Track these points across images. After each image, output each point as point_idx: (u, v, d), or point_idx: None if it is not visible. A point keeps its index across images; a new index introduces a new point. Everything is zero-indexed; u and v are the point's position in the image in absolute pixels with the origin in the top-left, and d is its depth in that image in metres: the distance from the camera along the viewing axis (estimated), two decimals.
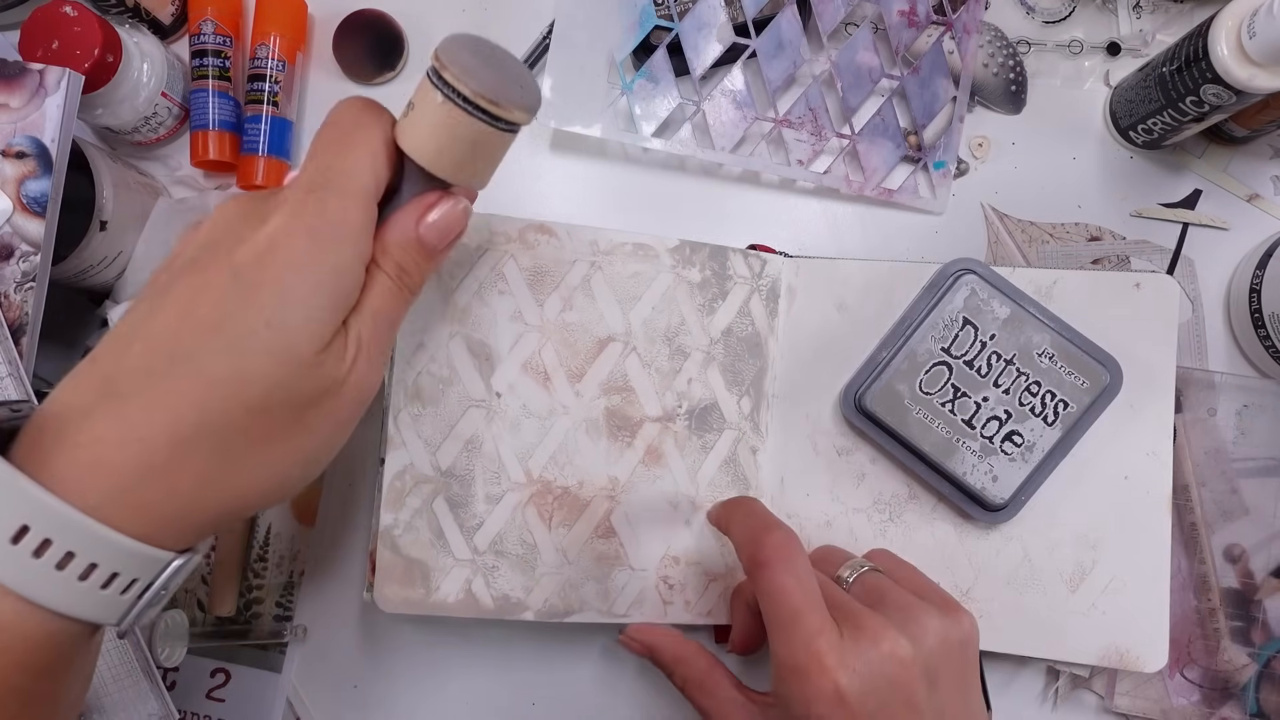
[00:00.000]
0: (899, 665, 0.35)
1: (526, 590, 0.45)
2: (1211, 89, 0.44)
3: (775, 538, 0.37)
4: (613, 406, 0.46)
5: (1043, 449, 0.44)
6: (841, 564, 0.41)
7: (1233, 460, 0.49)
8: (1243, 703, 0.48)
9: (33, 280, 0.42)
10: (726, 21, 0.50)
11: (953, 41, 0.51)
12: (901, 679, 0.35)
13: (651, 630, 0.43)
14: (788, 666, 0.35)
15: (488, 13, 0.54)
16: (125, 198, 0.47)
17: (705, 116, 0.50)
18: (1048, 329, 0.44)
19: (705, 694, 0.41)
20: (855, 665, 0.34)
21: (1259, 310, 0.48)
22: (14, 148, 0.42)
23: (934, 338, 0.45)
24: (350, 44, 0.52)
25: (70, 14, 0.45)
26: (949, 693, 0.37)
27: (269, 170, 0.51)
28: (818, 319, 0.48)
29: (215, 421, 0.27)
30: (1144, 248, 0.52)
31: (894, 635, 0.35)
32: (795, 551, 0.36)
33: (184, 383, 0.27)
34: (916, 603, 0.38)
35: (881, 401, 0.45)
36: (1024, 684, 0.49)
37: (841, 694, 0.34)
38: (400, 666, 0.50)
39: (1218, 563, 0.49)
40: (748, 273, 0.47)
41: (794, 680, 0.35)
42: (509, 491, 0.45)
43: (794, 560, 0.36)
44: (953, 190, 0.52)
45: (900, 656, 0.35)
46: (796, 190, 0.53)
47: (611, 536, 0.46)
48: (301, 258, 0.28)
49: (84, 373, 0.28)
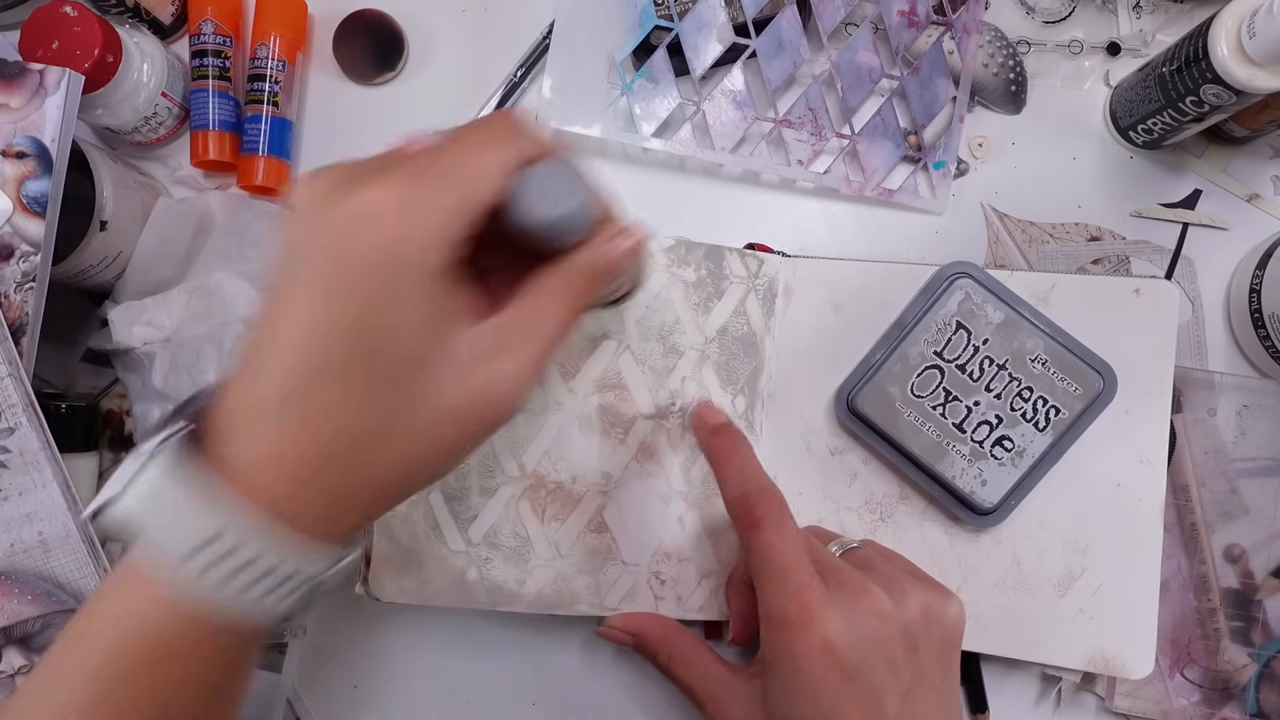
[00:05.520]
0: (880, 621, 0.36)
1: (519, 582, 0.45)
2: (1211, 89, 0.44)
3: (767, 500, 0.38)
4: (606, 403, 0.46)
5: (1033, 454, 0.44)
6: (832, 540, 0.42)
7: (1233, 460, 0.49)
8: (1243, 703, 0.48)
9: (33, 280, 0.42)
10: (726, 21, 0.50)
11: (953, 41, 0.51)
12: (882, 635, 0.36)
13: (633, 616, 0.44)
14: (777, 619, 0.36)
15: (488, 13, 0.54)
16: (125, 198, 0.47)
17: (705, 116, 0.50)
18: (1041, 334, 0.44)
19: (689, 669, 0.41)
20: (841, 617, 0.35)
21: (1259, 310, 0.48)
22: (14, 148, 0.42)
23: (927, 341, 0.45)
24: (350, 44, 0.52)
25: (70, 14, 0.45)
26: (928, 662, 0.37)
27: (269, 170, 0.51)
28: (814, 319, 0.48)
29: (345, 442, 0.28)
30: (1144, 248, 0.51)
31: (877, 592, 0.36)
32: (785, 514, 0.38)
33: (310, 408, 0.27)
34: (903, 575, 0.39)
35: (873, 403, 0.45)
36: (1018, 685, 0.49)
37: (830, 643, 0.34)
38: (400, 666, 0.50)
39: (1218, 563, 0.49)
40: (744, 272, 0.47)
41: (783, 632, 0.36)
42: (503, 485, 0.45)
43: (784, 522, 0.38)
44: (953, 190, 0.52)
45: (882, 612, 0.36)
46: (796, 190, 0.53)
47: (603, 531, 0.46)
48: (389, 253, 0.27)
49: (236, 379, 0.28)
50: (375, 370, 0.27)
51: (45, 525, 0.42)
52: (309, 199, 0.27)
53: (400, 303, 0.27)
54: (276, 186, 0.51)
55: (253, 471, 0.27)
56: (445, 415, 0.28)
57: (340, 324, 0.27)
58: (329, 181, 0.28)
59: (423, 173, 0.27)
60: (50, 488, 0.42)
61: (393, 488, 0.30)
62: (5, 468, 0.41)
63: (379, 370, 0.27)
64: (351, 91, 0.54)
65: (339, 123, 0.54)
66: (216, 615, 0.28)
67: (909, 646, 0.37)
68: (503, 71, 0.52)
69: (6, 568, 0.41)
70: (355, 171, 0.28)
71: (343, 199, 0.27)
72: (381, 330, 0.27)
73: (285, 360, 0.27)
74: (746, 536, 0.38)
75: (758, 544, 0.37)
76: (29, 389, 0.41)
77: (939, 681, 0.38)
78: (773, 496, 0.38)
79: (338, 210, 0.27)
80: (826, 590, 0.36)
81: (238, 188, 0.51)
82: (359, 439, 0.28)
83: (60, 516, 0.42)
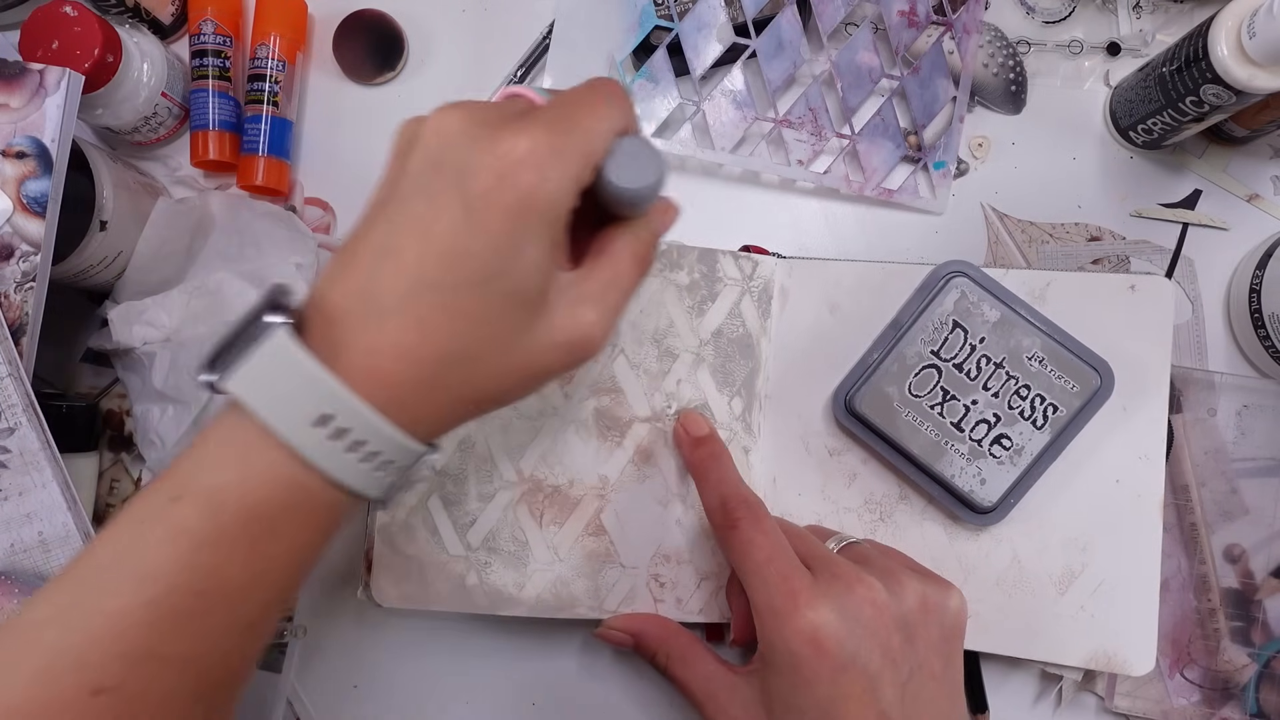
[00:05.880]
0: (874, 610, 0.36)
1: (518, 586, 0.45)
2: (1211, 89, 0.43)
3: (744, 503, 0.40)
4: (602, 407, 0.46)
5: (1031, 452, 0.44)
6: (830, 537, 0.42)
7: (1233, 460, 0.49)
8: (1243, 703, 0.48)
9: (33, 280, 0.42)
10: (726, 21, 0.50)
11: (953, 41, 0.51)
12: (876, 625, 0.36)
13: (633, 617, 0.45)
14: (766, 612, 0.36)
15: (488, 13, 0.54)
16: (125, 198, 0.47)
17: (705, 116, 0.50)
18: (1038, 332, 0.44)
19: (688, 669, 0.41)
20: (830, 605, 0.35)
21: (1259, 310, 0.48)
22: (14, 148, 0.42)
23: (924, 340, 0.45)
24: (350, 44, 0.52)
25: (70, 14, 0.45)
26: (927, 652, 0.37)
27: (269, 170, 0.51)
28: (810, 320, 0.48)
29: (464, 348, 0.30)
30: (1144, 248, 0.51)
31: (872, 582, 0.37)
32: (762, 514, 0.39)
33: (438, 313, 0.29)
34: (901, 568, 0.39)
35: (871, 403, 0.45)
36: (1019, 685, 0.49)
37: (818, 631, 0.35)
38: (400, 666, 0.50)
39: (1218, 563, 0.49)
40: (738, 275, 0.47)
41: (773, 622, 0.36)
42: (501, 490, 0.46)
43: (761, 520, 0.39)
44: (953, 190, 0.52)
45: (876, 602, 0.36)
46: (796, 190, 0.53)
47: (601, 534, 0.46)
48: (527, 197, 0.29)
49: (341, 278, 0.30)
50: (500, 294, 0.29)
51: (45, 525, 0.42)
52: (457, 129, 0.29)
53: (535, 240, 0.29)
54: (277, 186, 0.51)
55: (368, 361, 0.29)
56: (547, 344, 0.31)
57: (474, 250, 0.29)
58: (474, 117, 0.30)
59: (557, 126, 0.30)
60: (50, 488, 0.42)
61: (482, 400, 0.32)
62: (5, 468, 0.41)
63: (504, 295, 0.29)
64: (351, 91, 0.54)
65: (339, 123, 0.54)
66: (324, 489, 0.29)
67: (906, 637, 0.37)
68: (503, 71, 0.53)
69: (6, 568, 0.41)
70: (496, 115, 0.30)
71: (492, 140, 0.29)
72: (514, 262, 0.29)
73: (413, 266, 0.29)
74: (725, 537, 0.39)
75: (736, 541, 0.38)
76: (29, 389, 0.42)
77: (939, 671, 0.37)
78: (750, 500, 0.40)
79: (489, 151, 0.29)
80: (816, 581, 0.36)
81: (238, 188, 0.51)
82: (471, 350, 0.30)
83: (60, 516, 0.42)
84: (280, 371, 0.28)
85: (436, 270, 0.29)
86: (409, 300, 0.29)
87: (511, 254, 0.29)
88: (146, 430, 0.48)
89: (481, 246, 0.29)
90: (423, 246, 0.29)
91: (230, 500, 0.28)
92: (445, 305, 0.29)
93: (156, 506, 0.29)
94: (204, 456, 0.29)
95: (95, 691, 0.27)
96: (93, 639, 0.27)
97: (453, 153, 0.29)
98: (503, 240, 0.29)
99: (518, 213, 0.29)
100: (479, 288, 0.29)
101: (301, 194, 0.53)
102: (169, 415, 0.47)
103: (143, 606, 0.27)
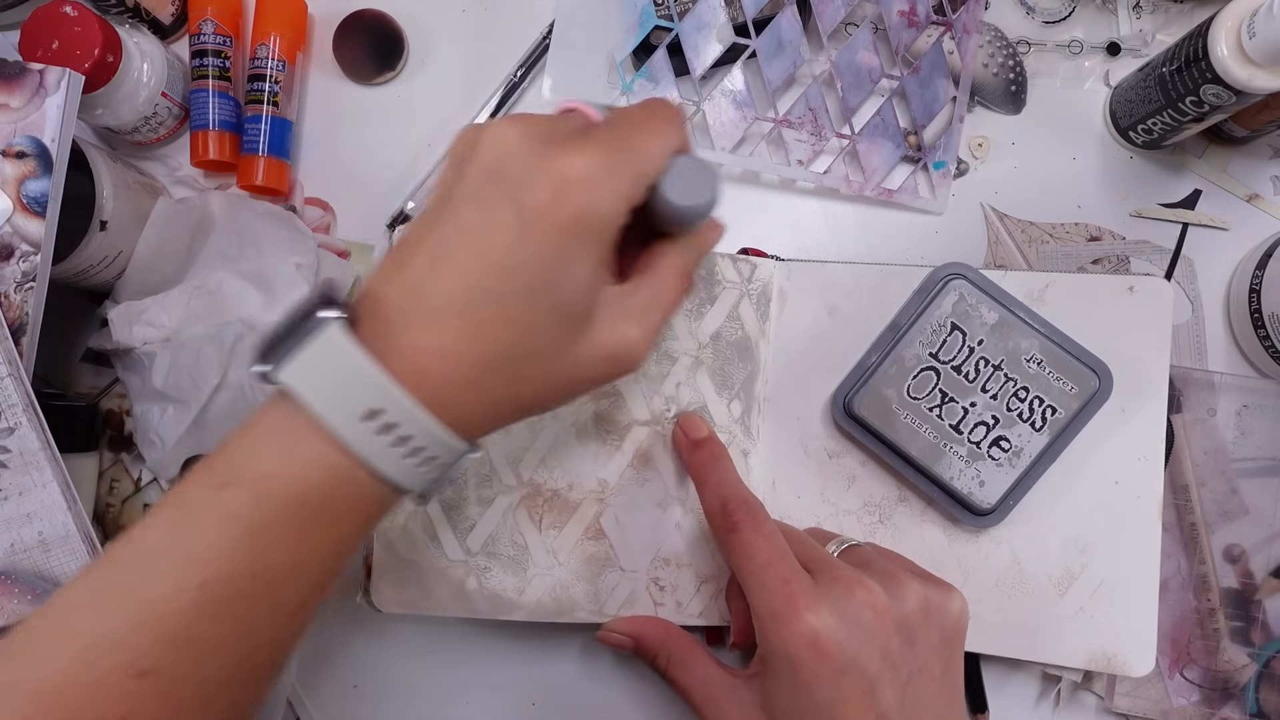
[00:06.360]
0: (874, 613, 0.36)
1: (518, 591, 0.45)
2: (1211, 89, 0.43)
3: (744, 505, 0.40)
4: (601, 411, 0.46)
5: (1030, 454, 0.44)
6: (830, 540, 0.42)
7: (1233, 460, 0.49)
8: (1242, 703, 0.48)
9: (33, 280, 0.42)
10: (726, 21, 0.50)
11: (953, 41, 0.51)
12: (876, 628, 0.36)
13: (633, 619, 0.44)
14: (765, 615, 0.36)
15: (488, 13, 0.54)
16: (125, 198, 0.47)
17: (705, 116, 0.50)
18: (1036, 334, 0.44)
19: (687, 672, 0.41)
20: (830, 609, 0.35)
21: (1259, 310, 0.48)
22: (14, 148, 0.42)
23: (922, 343, 0.45)
24: (350, 44, 0.52)
25: (70, 14, 0.45)
26: (927, 655, 0.37)
27: (269, 170, 0.51)
28: (809, 322, 0.48)
29: (509, 354, 0.30)
30: (1144, 248, 0.51)
31: (871, 585, 0.37)
32: (762, 517, 0.39)
33: (487, 319, 0.30)
34: (901, 571, 0.39)
35: (869, 406, 0.45)
36: (1019, 686, 0.49)
37: (818, 634, 0.35)
38: (400, 666, 0.50)
39: (1218, 563, 0.49)
40: (736, 278, 0.47)
41: (773, 626, 0.36)
42: (500, 494, 0.45)
43: (761, 523, 0.39)
44: (952, 190, 0.52)
45: (876, 605, 0.36)
46: (796, 190, 0.53)
47: (601, 538, 0.46)
48: (580, 214, 0.29)
49: (395, 277, 0.30)
50: (548, 306, 0.30)
51: (45, 525, 0.42)
52: (515, 142, 0.30)
53: (585, 256, 0.30)
54: (276, 186, 0.51)
55: (416, 359, 0.29)
56: (591, 355, 0.32)
57: (526, 262, 0.29)
58: (533, 132, 0.30)
59: (614, 146, 0.30)
60: (50, 488, 0.42)
61: (522, 405, 0.32)
62: (5, 468, 0.41)
63: (551, 307, 0.30)
64: (351, 91, 0.54)
65: (339, 123, 0.54)
66: (368, 481, 0.30)
67: (906, 640, 0.37)
68: (503, 71, 0.52)
69: (6, 568, 0.41)
70: (554, 130, 0.31)
71: (550, 157, 0.30)
72: (563, 276, 0.30)
73: (466, 272, 0.30)
74: (725, 540, 0.39)
75: (736, 545, 0.38)
76: (29, 389, 0.42)
77: (939, 675, 0.37)
78: (750, 502, 0.40)
79: (546, 167, 0.29)
80: (815, 584, 0.36)
81: (238, 188, 0.51)
82: (515, 357, 0.30)
83: (60, 516, 0.42)
84: (333, 365, 0.29)
85: (488, 278, 0.29)
86: (459, 304, 0.29)
87: (561, 268, 0.30)
88: (146, 430, 0.48)
89: (533, 259, 0.29)
90: (476, 254, 0.30)
91: (278, 488, 0.29)
92: (494, 313, 0.30)
93: (205, 493, 0.29)
94: (252, 445, 0.30)
95: (137, 674, 0.27)
96: (136, 621, 0.28)
97: (510, 165, 0.30)
98: (554, 254, 0.29)
99: (571, 229, 0.29)
100: (527, 298, 0.30)
101: (301, 194, 0.53)
102: (169, 415, 0.47)
103: (191, 590, 0.28)
